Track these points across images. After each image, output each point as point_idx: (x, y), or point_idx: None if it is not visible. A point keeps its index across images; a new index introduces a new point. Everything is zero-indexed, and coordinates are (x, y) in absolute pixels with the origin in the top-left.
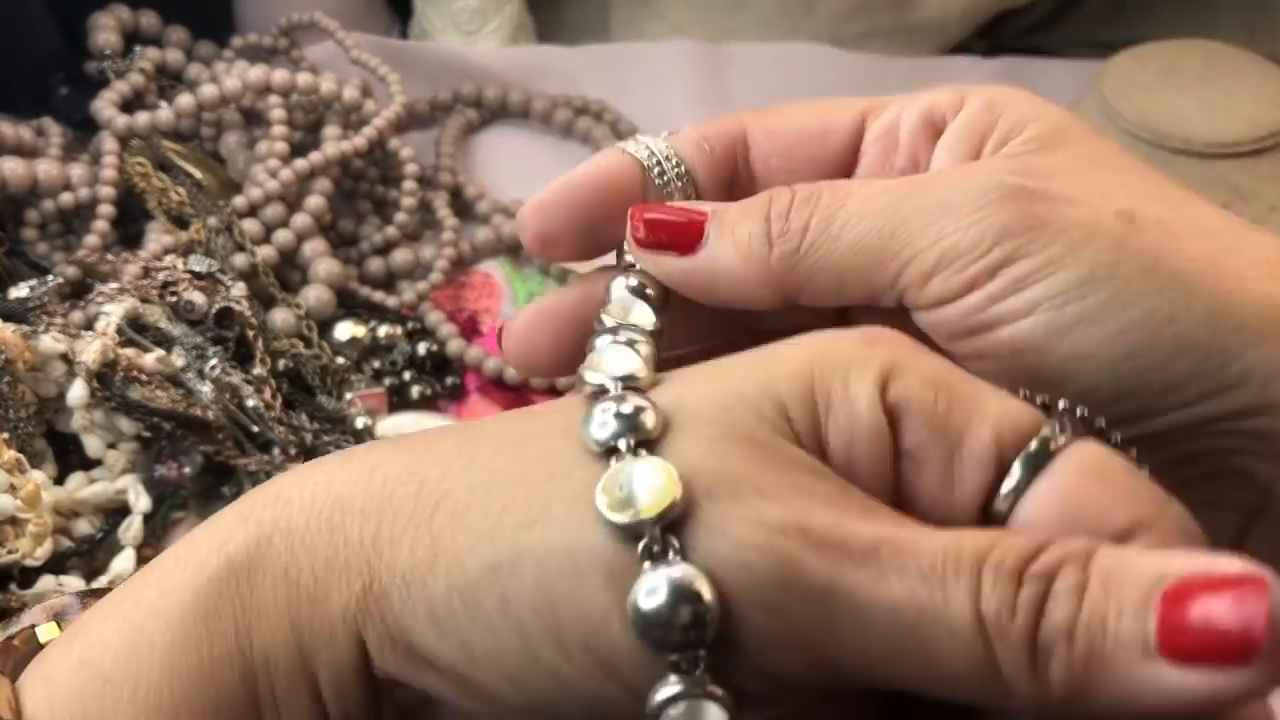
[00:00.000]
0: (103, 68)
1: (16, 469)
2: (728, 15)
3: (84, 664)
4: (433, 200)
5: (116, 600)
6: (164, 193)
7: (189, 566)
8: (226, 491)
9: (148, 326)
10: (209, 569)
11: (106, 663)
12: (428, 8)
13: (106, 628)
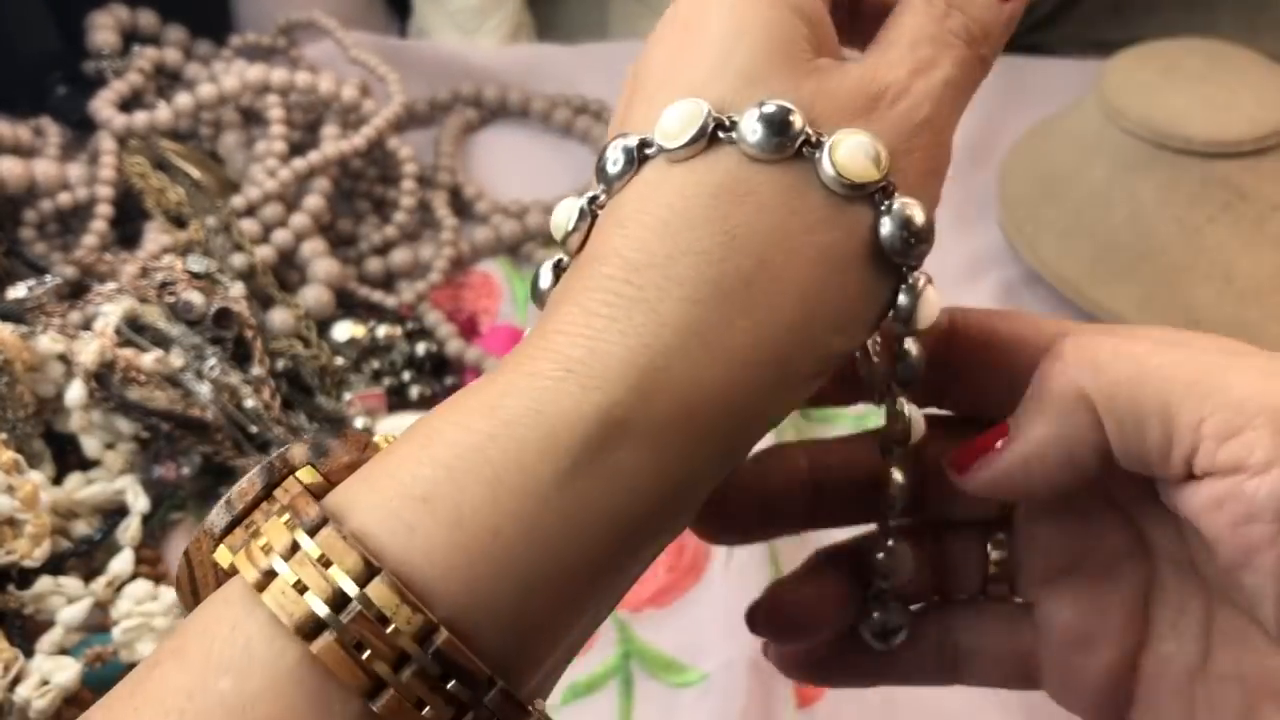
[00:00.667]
0: (101, 67)
1: (14, 469)
2: None
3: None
4: (432, 200)
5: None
6: (162, 192)
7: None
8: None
9: (146, 327)
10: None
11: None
12: (427, 7)
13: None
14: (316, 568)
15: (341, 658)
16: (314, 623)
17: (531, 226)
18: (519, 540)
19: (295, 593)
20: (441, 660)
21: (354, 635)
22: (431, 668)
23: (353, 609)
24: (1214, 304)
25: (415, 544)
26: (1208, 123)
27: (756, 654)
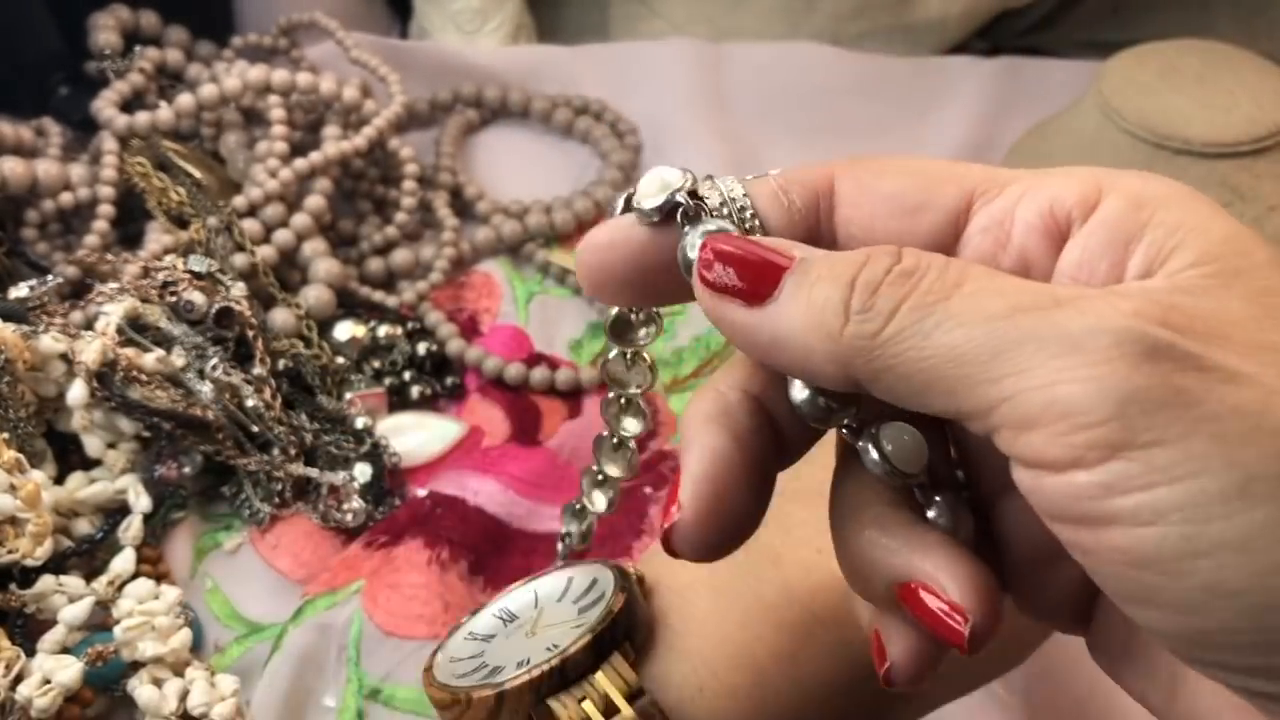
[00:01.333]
0: (103, 68)
1: (16, 469)
2: (727, 15)
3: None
4: (433, 200)
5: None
6: (164, 192)
7: None
8: (226, 491)
9: (147, 326)
10: None
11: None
12: (428, 7)
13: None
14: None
15: None
16: None
17: (532, 226)
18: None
19: (577, 705)
20: None
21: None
22: None
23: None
24: None
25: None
26: (1206, 123)
27: None
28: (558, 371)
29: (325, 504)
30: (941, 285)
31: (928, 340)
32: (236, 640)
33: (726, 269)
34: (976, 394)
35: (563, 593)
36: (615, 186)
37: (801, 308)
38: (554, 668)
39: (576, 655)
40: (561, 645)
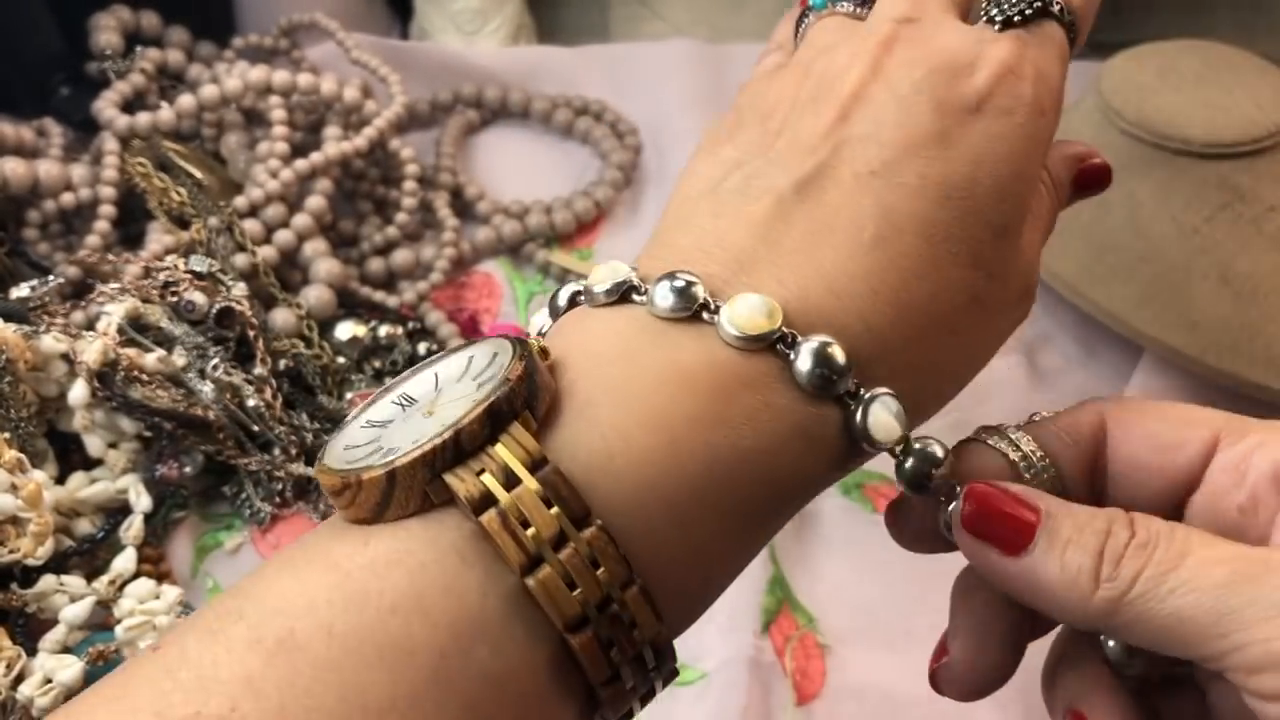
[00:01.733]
0: (104, 68)
1: (18, 469)
2: (727, 16)
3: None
4: (433, 200)
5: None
6: (165, 193)
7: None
8: (227, 491)
9: (149, 326)
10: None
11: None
12: (428, 8)
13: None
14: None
15: (506, 539)
16: (485, 499)
17: (532, 227)
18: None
19: (475, 478)
20: (592, 548)
21: (518, 514)
22: (584, 551)
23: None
24: (1212, 304)
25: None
26: (1205, 123)
27: (756, 653)
28: None
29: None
30: (1170, 556)
31: (1163, 604)
32: None
33: (984, 522)
34: (1208, 645)
35: (463, 371)
36: (615, 187)
37: (1055, 569)
38: (446, 441)
39: (470, 426)
40: (453, 416)
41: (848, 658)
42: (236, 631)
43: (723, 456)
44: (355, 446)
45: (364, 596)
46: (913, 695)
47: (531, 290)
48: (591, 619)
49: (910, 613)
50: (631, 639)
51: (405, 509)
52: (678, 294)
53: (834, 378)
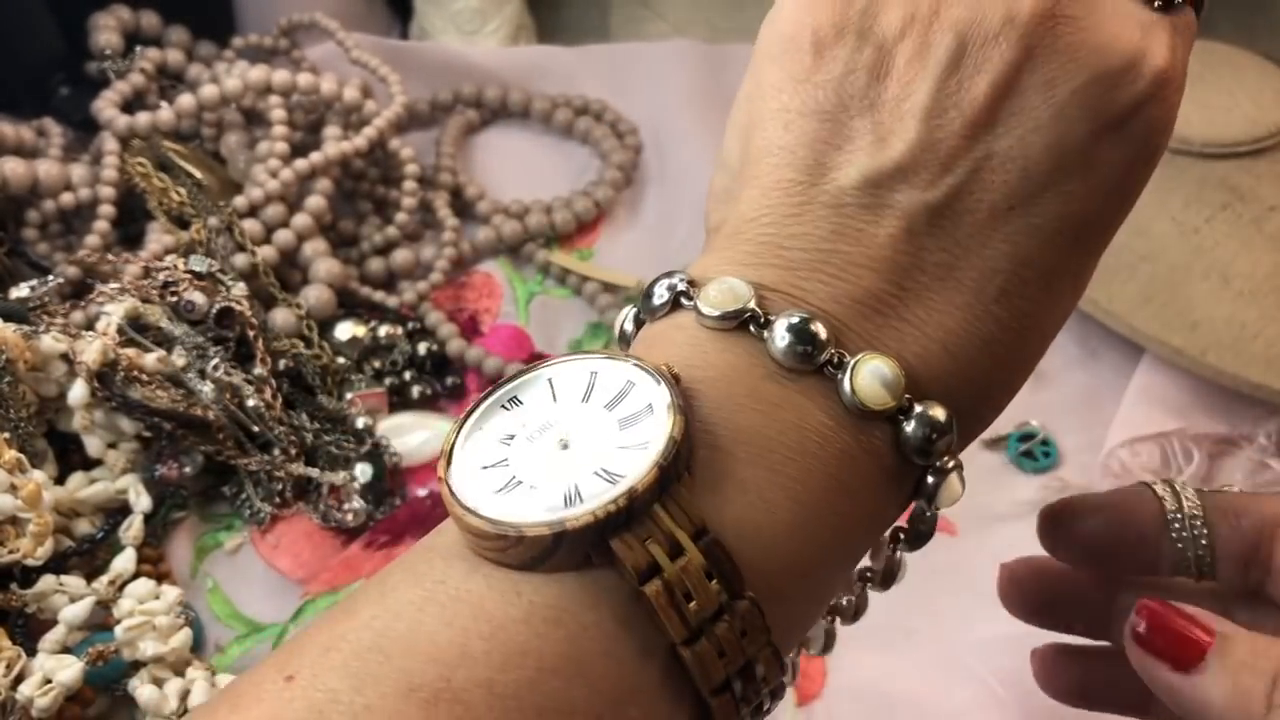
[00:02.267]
0: (103, 68)
1: (17, 469)
2: (728, 16)
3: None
4: (433, 200)
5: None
6: (164, 193)
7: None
8: (226, 491)
9: (148, 326)
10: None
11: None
12: (428, 8)
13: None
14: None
15: (670, 612)
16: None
17: (532, 227)
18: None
19: (642, 546)
20: (744, 621)
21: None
22: (737, 625)
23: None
24: (1212, 304)
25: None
26: (1205, 123)
27: None
28: None
29: (326, 504)
30: None
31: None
32: (237, 640)
33: (1156, 638)
34: None
35: (586, 390)
36: (615, 187)
37: (1226, 689)
38: (621, 507)
39: (645, 495)
40: (618, 472)
41: (848, 658)
42: (385, 674)
43: (848, 525)
44: (489, 467)
45: (523, 654)
46: (913, 695)
47: (531, 290)
48: (732, 681)
49: (910, 613)
50: (758, 691)
51: (558, 567)
52: (800, 340)
53: (936, 445)
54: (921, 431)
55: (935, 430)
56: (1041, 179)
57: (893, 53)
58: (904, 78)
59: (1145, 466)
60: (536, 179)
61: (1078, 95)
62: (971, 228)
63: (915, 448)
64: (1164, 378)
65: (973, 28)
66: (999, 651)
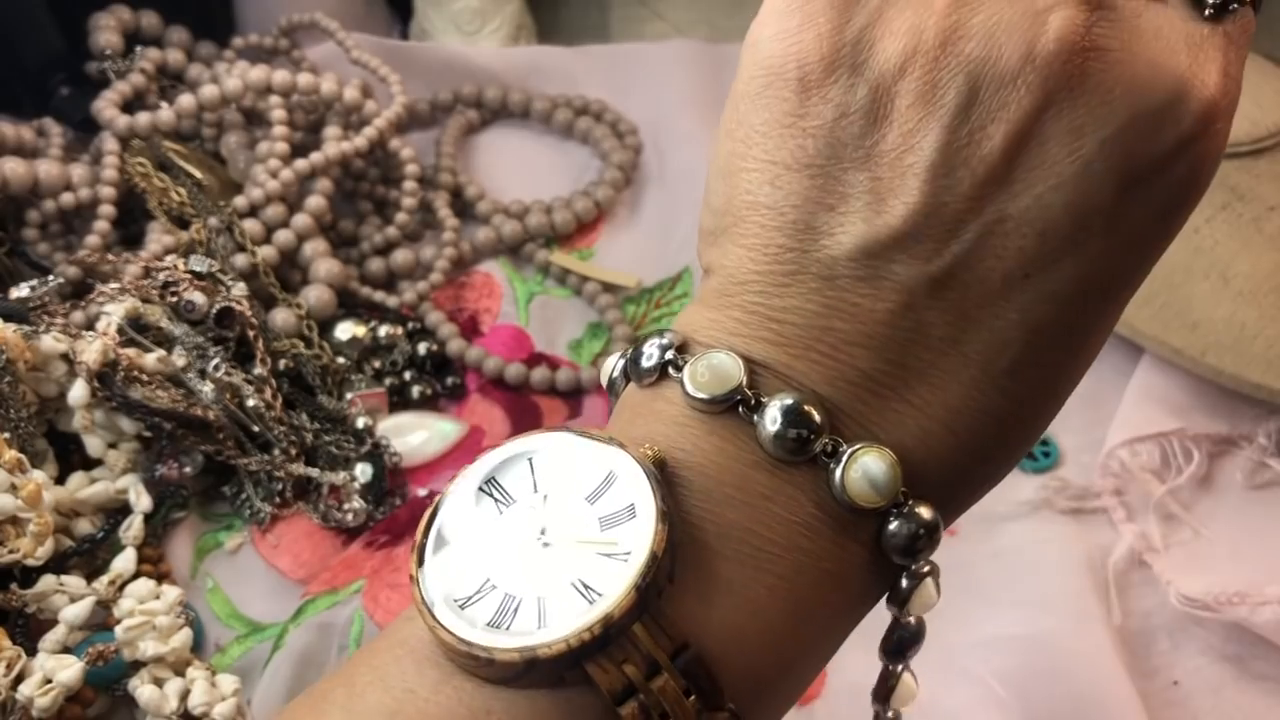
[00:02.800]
0: (104, 68)
1: (18, 469)
2: (728, 17)
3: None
4: (433, 200)
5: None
6: (165, 193)
7: None
8: (226, 491)
9: (148, 326)
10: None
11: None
12: (428, 8)
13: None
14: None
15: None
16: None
17: (532, 227)
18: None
19: (617, 669)
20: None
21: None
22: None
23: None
24: (1212, 304)
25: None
26: None
27: None
28: (558, 372)
29: (326, 504)
30: None
31: None
32: (237, 640)
33: None
34: None
35: (568, 473)
36: (615, 187)
37: None
38: (596, 635)
39: (621, 620)
40: (596, 588)
41: (848, 658)
42: None
43: (835, 618)
44: (463, 570)
45: None
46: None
47: (531, 290)
48: None
49: None
50: None
51: (536, 684)
52: (792, 425)
53: (918, 545)
54: (907, 530)
55: (921, 529)
56: (1060, 243)
57: (892, 93)
58: (905, 125)
59: (1145, 466)
60: (536, 179)
61: (1108, 145)
62: (980, 298)
63: (897, 547)
64: (1164, 378)
65: (987, 68)
66: (999, 651)
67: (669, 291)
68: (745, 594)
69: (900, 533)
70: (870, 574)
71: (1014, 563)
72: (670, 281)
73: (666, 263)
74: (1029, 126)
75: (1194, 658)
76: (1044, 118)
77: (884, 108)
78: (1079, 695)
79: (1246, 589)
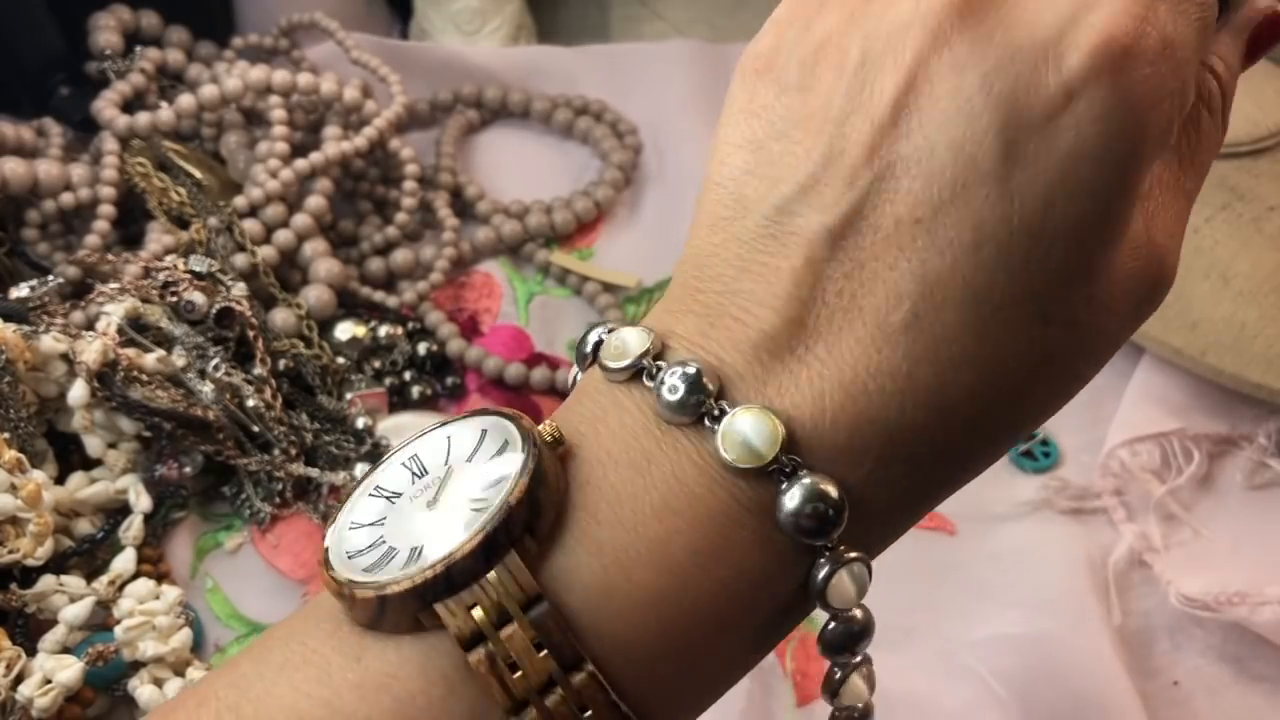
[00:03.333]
0: (103, 68)
1: (17, 469)
2: (727, 16)
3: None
4: (433, 200)
5: None
6: (164, 193)
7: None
8: (226, 491)
9: (148, 326)
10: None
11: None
12: (428, 8)
13: None
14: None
15: (492, 682)
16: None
17: (532, 227)
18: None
19: (465, 614)
20: (582, 696)
21: (507, 657)
22: (572, 699)
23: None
24: (1212, 304)
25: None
26: None
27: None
28: (558, 372)
29: (326, 504)
30: None
31: None
32: (237, 640)
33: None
34: None
35: (473, 450)
36: (615, 187)
37: None
38: (438, 575)
39: (463, 561)
40: (454, 537)
41: None
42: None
43: (729, 595)
44: (360, 526)
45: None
46: (912, 695)
47: (531, 290)
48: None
49: (910, 612)
50: None
51: (397, 629)
52: (686, 390)
53: (826, 524)
54: (802, 501)
55: (823, 503)
56: (947, 186)
57: (814, 67)
58: (821, 90)
59: (1145, 466)
60: (536, 179)
61: (988, 81)
62: (874, 247)
63: (797, 522)
64: (1164, 378)
65: (884, 21)
66: (999, 651)
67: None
68: (615, 557)
69: (796, 506)
70: (774, 557)
71: (1014, 563)
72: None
73: (666, 263)
74: (918, 69)
75: (1194, 658)
76: (932, 59)
77: (809, 80)
78: (1079, 695)
79: (1246, 589)
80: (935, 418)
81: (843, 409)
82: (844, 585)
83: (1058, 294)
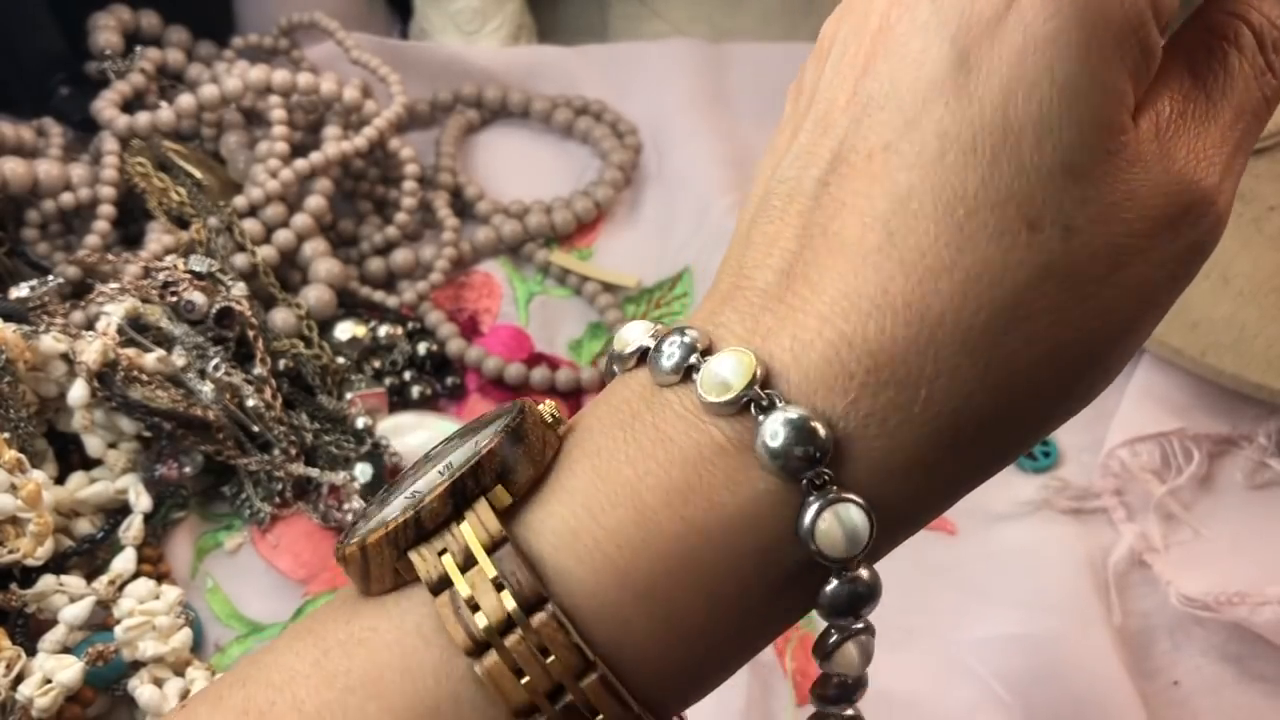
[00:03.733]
0: (103, 68)
1: (17, 469)
2: (727, 16)
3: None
4: (433, 200)
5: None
6: (164, 193)
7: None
8: (226, 491)
9: (148, 326)
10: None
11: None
12: (428, 8)
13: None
14: (494, 593)
15: (454, 623)
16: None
17: (532, 227)
18: (676, 586)
19: (436, 558)
20: (541, 636)
21: (515, 661)
22: (531, 639)
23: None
24: (1212, 304)
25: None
26: None
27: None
28: (558, 372)
29: (326, 504)
30: None
31: None
32: (237, 640)
33: None
34: None
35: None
36: (615, 187)
37: None
38: (409, 519)
39: (432, 505)
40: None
41: None
42: (234, 700)
43: (697, 530)
44: (378, 504)
45: (333, 674)
46: (912, 695)
47: (531, 290)
48: (543, 708)
49: (910, 613)
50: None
51: (383, 585)
52: (681, 353)
53: (811, 459)
54: (779, 431)
55: (800, 432)
56: (915, 105)
57: (811, 66)
58: (811, 78)
59: (1145, 466)
60: (536, 179)
61: (936, 1)
62: (853, 183)
63: (775, 453)
64: (1164, 378)
65: (855, 5)
66: (999, 651)
67: (668, 291)
68: (585, 500)
69: (774, 436)
70: (750, 491)
71: (1014, 563)
72: (670, 281)
73: (666, 263)
74: (881, 22)
75: (1194, 658)
76: (893, 10)
77: (807, 78)
78: (1079, 695)
79: (1246, 589)
80: (919, 333)
81: (819, 335)
82: (833, 529)
83: (1037, 193)
